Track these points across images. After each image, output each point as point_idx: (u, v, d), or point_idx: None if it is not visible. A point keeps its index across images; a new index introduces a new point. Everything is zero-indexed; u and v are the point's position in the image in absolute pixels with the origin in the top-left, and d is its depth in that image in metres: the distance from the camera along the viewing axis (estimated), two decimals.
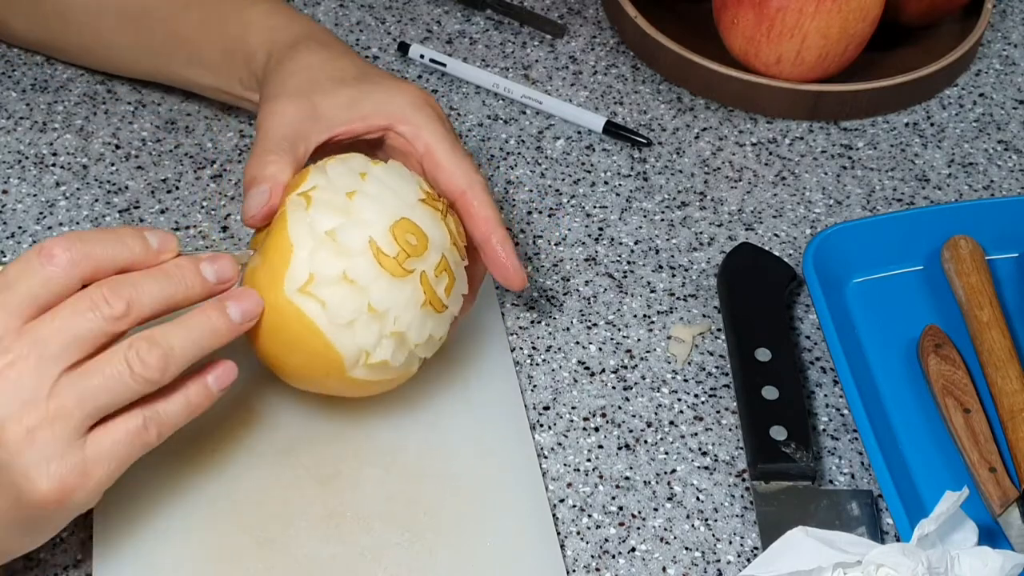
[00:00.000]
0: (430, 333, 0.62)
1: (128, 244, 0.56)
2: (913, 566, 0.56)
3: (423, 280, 0.60)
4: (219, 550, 0.61)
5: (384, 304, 0.59)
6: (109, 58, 0.83)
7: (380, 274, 0.59)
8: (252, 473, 0.64)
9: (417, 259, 0.60)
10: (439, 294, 0.61)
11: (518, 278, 0.66)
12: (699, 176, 0.83)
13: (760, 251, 0.77)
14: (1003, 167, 0.85)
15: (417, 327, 0.61)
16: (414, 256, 0.60)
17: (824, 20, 0.81)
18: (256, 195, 0.62)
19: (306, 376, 0.62)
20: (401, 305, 0.60)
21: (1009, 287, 0.75)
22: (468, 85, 0.88)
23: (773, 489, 0.65)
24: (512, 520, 0.63)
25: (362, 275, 0.59)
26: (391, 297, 0.59)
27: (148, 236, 0.56)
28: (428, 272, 0.60)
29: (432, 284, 0.61)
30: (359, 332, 0.59)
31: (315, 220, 0.59)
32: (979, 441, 0.66)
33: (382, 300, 0.59)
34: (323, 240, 0.59)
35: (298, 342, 0.60)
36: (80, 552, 0.62)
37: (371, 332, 0.60)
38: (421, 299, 0.60)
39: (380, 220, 0.60)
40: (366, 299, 0.59)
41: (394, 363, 0.61)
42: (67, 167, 0.80)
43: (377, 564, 0.61)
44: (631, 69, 0.90)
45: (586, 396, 0.70)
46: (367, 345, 0.60)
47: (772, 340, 0.70)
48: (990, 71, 0.93)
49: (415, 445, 0.66)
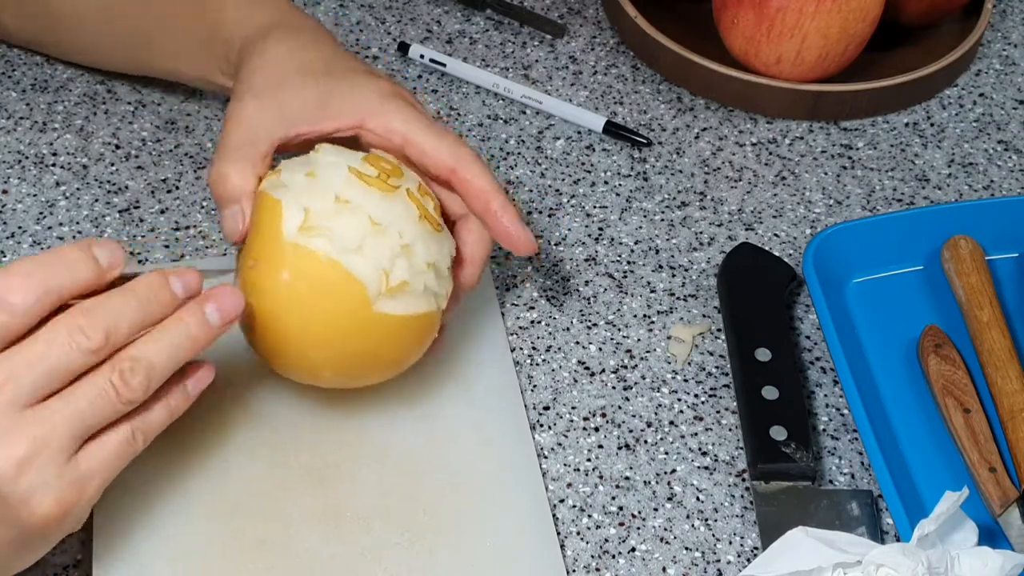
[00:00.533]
0: (436, 259, 0.61)
1: (77, 268, 0.54)
2: (913, 566, 0.56)
3: (410, 196, 0.61)
4: (218, 550, 0.61)
5: (384, 218, 0.59)
6: (96, 53, 0.82)
7: (369, 191, 0.60)
8: (251, 473, 0.64)
9: (398, 179, 0.61)
10: (430, 211, 0.61)
11: (525, 242, 0.65)
12: (699, 176, 0.83)
13: (760, 251, 0.77)
14: (1003, 167, 0.85)
15: (423, 243, 0.60)
16: (394, 176, 0.61)
17: (824, 20, 0.81)
18: (230, 217, 0.62)
19: (331, 334, 0.60)
20: (400, 218, 0.60)
21: (1009, 287, 0.75)
22: (468, 85, 0.88)
23: (773, 489, 0.65)
24: (512, 520, 0.63)
25: (353, 195, 0.59)
26: (387, 211, 0.60)
27: (96, 252, 0.55)
28: (412, 190, 0.61)
29: (420, 200, 0.61)
30: (370, 252, 0.59)
31: (290, 178, 0.61)
32: (979, 441, 0.66)
33: (381, 215, 0.59)
34: (305, 183, 0.60)
35: (316, 287, 0.59)
36: (80, 552, 0.62)
37: (382, 249, 0.59)
38: (415, 213, 0.60)
39: (351, 158, 0.61)
40: (366, 215, 0.59)
41: (414, 286, 0.60)
42: (67, 167, 0.80)
43: (377, 564, 0.61)
44: (631, 69, 0.90)
45: (586, 396, 0.70)
46: (383, 263, 0.59)
47: (772, 340, 0.70)
48: (990, 71, 0.93)
49: (415, 445, 0.66)
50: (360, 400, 0.67)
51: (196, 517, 0.62)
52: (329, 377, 0.63)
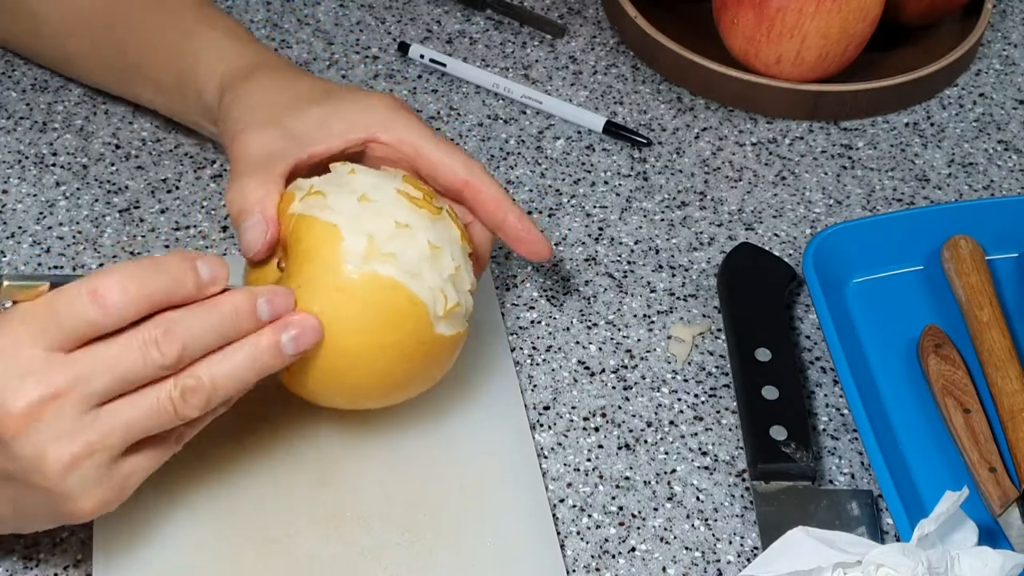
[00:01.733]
0: (471, 280, 0.62)
1: (181, 281, 0.54)
2: (913, 566, 0.56)
3: (452, 215, 0.62)
4: (219, 550, 0.61)
5: (438, 240, 0.60)
6: (80, 74, 0.82)
7: (422, 214, 0.60)
8: (252, 473, 0.64)
9: (438, 201, 0.62)
10: (466, 233, 0.62)
11: (544, 248, 0.66)
12: (699, 176, 0.83)
13: (760, 251, 0.77)
14: (1003, 167, 0.85)
15: (465, 265, 0.61)
16: (435, 198, 0.62)
17: (824, 20, 0.81)
18: (252, 227, 0.60)
19: (392, 357, 0.59)
20: (448, 241, 0.60)
21: (1009, 287, 0.75)
22: (468, 85, 0.88)
23: (773, 489, 0.65)
24: (512, 520, 0.63)
25: (411, 219, 0.59)
26: (439, 234, 0.60)
27: (200, 267, 0.54)
28: (449, 211, 0.62)
29: (459, 222, 0.62)
30: (428, 275, 0.59)
31: (338, 201, 0.59)
32: (979, 441, 0.66)
33: (435, 238, 0.59)
34: (358, 208, 0.59)
35: (383, 312, 0.58)
36: (80, 552, 0.62)
37: (436, 272, 0.59)
38: (458, 234, 0.61)
39: (390, 181, 0.61)
40: (424, 240, 0.59)
41: (464, 305, 0.61)
42: (67, 167, 0.80)
43: (377, 564, 0.61)
44: (631, 69, 0.90)
45: (586, 396, 0.70)
46: (438, 285, 0.59)
47: (772, 340, 0.70)
48: (990, 71, 0.93)
49: (415, 445, 0.66)
50: None
51: (196, 517, 0.62)
52: (364, 399, 0.63)
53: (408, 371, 0.61)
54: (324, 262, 0.58)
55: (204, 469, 0.64)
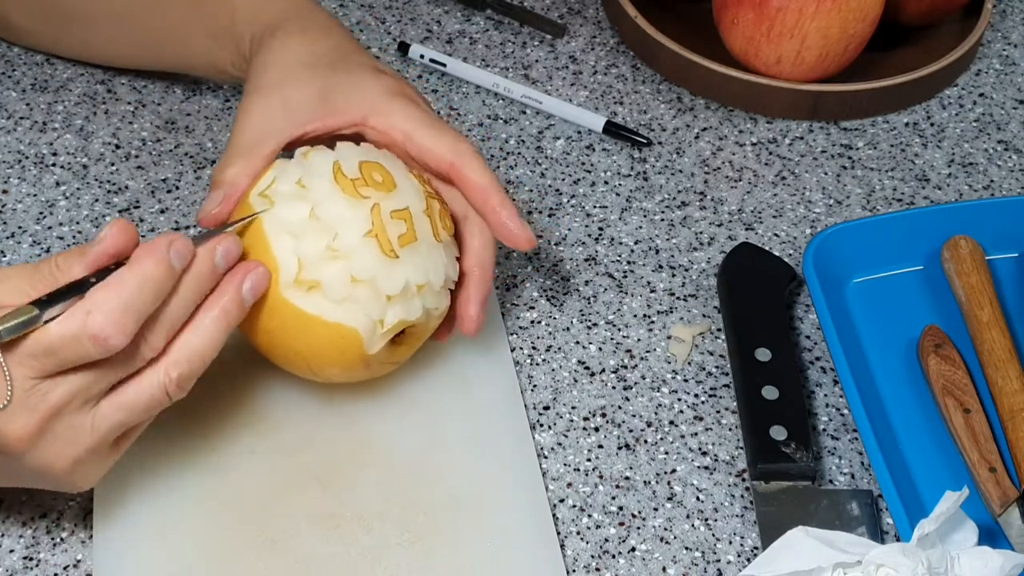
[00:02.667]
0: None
1: (164, 288, 0.56)
2: (913, 566, 0.56)
3: (374, 210, 0.61)
4: (219, 550, 0.61)
5: (328, 214, 0.60)
6: (108, 53, 0.83)
7: (333, 188, 0.61)
8: (252, 473, 0.64)
9: (375, 191, 0.61)
10: (389, 235, 0.61)
11: (524, 238, 0.65)
12: (699, 176, 0.83)
13: (760, 251, 0.77)
14: (1003, 167, 0.85)
15: (359, 252, 0.60)
16: (373, 187, 0.61)
17: (824, 20, 0.81)
18: (209, 199, 0.64)
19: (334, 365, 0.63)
20: (346, 221, 0.60)
21: (1009, 287, 0.75)
22: (468, 85, 0.88)
23: (773, 489, 0.65)
24: (512, 520, 0.63)
25: (316, 184, 0.61)
26: (338, 212, 0.60)
27: (174, 260, 0.56)
28: (384, 207, 0.61)
29: (384, 219, 0.61)
30: (361, 300, 0.60)
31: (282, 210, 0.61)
32: (979, 441, 0.66)
33: (328, 212, 0.60)
34: (300, 222, 0.60)
35: (312, 342, 0.61)
36: (80, 552, 0.62)
37: (372, 296, 0.60)
38: (367, 228, 0.60)
39: (352, 154, 0.63)
40: (312, 204, 0.60)
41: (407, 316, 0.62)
42: (67, 167, 0.80)
43: (377, 564, 0.61)
44: (631, 69, 0.90)
45: (586, 396, 0.70)
46: (374, 311, 0.61)
47: (772, 340, 0.70)
48: (990, 71, 0.93)
49: (415, 445, 0.66)
50: (361, 401, 0.67)
51: (197, 517, 0.62)
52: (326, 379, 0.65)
53: (353, 375, 0.64)
54: (345, 353, 0.61)
55: (204, 470, 0.64)
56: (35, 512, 0.63)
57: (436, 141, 0.65)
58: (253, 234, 0.61)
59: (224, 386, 0.67)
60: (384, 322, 0.61)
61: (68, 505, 0.63)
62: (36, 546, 0.62)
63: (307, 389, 0.67)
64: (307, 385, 0.67)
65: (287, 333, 0.61)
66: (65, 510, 0.63)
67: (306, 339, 0.61)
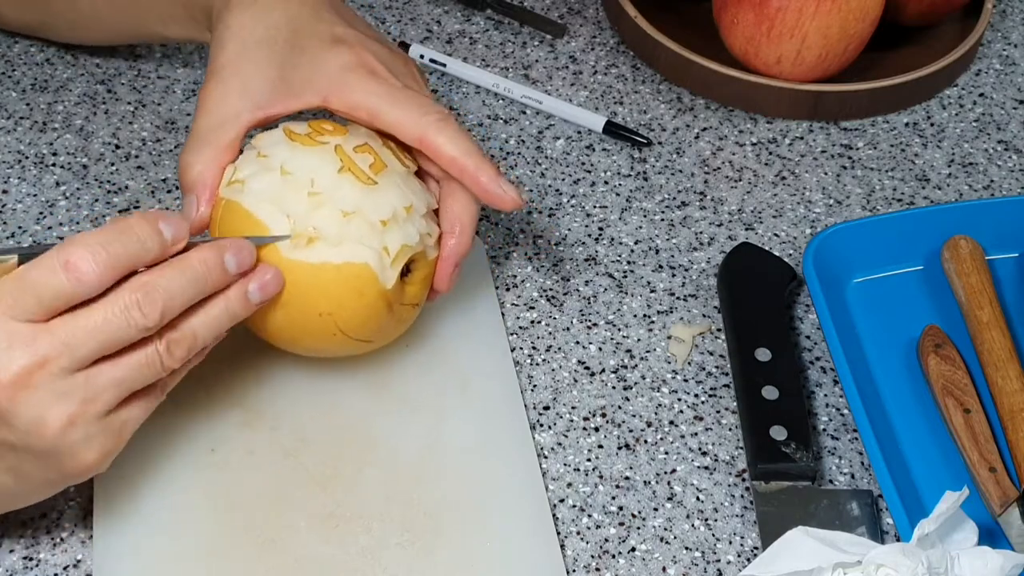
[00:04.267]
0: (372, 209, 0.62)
1: (148, 244, 0.55)
2: (913, 566, 0.56)
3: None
4: (219, 550, 0.61)
5: (297, 167, 0.61)
6: (93, 28, 0.82)
7: (291, 145, 0.62)
8: (252, 473, 0.64)
9: (330, 136, 0.62)
10: (361, 166, 0.61)
11: (508, 198, 0.64)
12: (699, 176, 0.83)
13: (760, 251, 0.77)
14: (1003, 167, 0.85)
15: (339, 189, 0.61)
16: (327, 135, 0.62)
17: (824, 20, 0.81)
18: (187, 206, 0.63)
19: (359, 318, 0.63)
20: (316, 167, 0.61)
21: (1009, 287, 0.75)
22: (468, 85, 0.88)
23: (773, 489, 0.65)
24: (512, 520, 0.63)
25: (274, 150, 0.62)
26: (305, 162, 0.61)
27: (163, 228, 0.56)
28: (345, 146, 0.62)
29: (349, 154, 0.62)
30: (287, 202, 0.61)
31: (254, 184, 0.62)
32: (979, 441, 0.66)
33: (296, 166, 0.61)
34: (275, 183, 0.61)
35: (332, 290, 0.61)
36: (80, 552, 0.62)
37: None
38: (338, 166, 0.61)
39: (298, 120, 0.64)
40: (279, 164, 0.61)
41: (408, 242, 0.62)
42: (67, 167, 0.80)
43: (377, 564, 0.61)
44: (631, 69, 0.90)
45: (586, 396, 0.70)
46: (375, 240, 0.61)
47: (772, 340, 0.70)
48: (990, 71, 0.93)
49: (415, 445, 0.66)
50: (361, 400, 0.67)
51: (196, 517, 0.62)
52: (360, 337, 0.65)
53: (382, 325, 0.64)
54: (363, 292, 0.61)
55: (203, 470, 0.64)
56: (35, 512, 0.63)
57: (400, 116, 0.63)
58: (237, 218, 0.61)
59: (223, 386, 0.67)
60: (388, 249, 0.61)
61: (68, 505, 0.63)
62: (36, 546, 0.62)
63: (307, 389, 0.67)
64: (307, 385, 0.67)
65: (304, 297, 0.61)
66: (65, 510, 0.63)
67: (324, 293, 0.61)
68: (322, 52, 0.65)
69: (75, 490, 0.63)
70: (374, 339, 0.65)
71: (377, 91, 0.64)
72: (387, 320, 0.63)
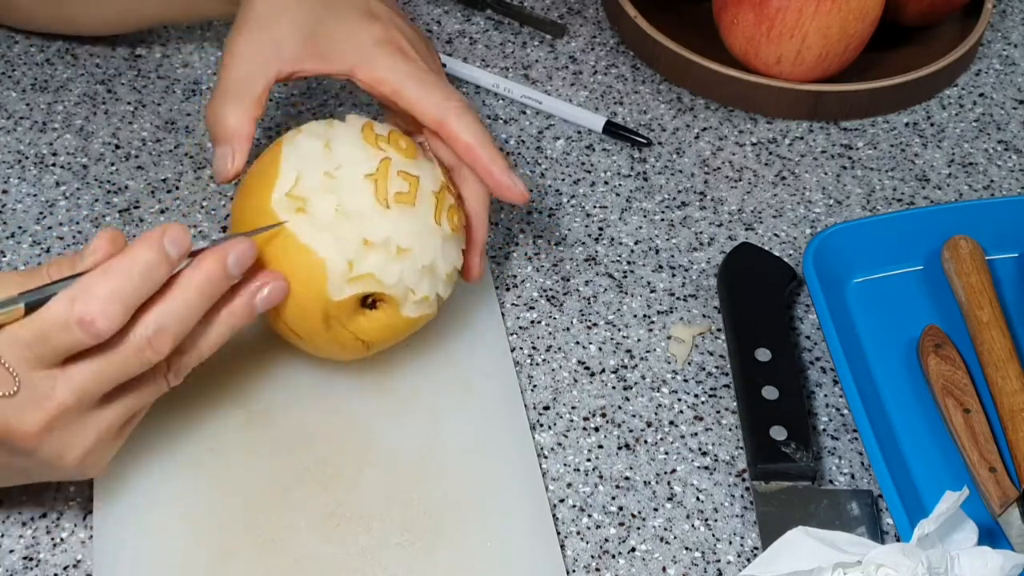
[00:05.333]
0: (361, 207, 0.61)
1: (156, 274, 0.54)
2: (913, 566, 0.56)
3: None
4: (219, 550, 0.61)
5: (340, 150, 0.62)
6: (111, 16, 0.82)
7: (356, 136, 0.62)
8: (252, 473, 0.64)
9: (395, 151, 0.62)
10: (389, 187, 0.61)
11: (516, 192, 0.66)
12: (699, 176, 0.83)
13: (760, 251, 0.77)
14: (1003, 167, 0.85)
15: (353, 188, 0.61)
16: (394, 149, 0.62)
17: (824, 20, 0.81)
18: (220, 157, 0.64)
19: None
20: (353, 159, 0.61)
21: (1009, 287, 0.75)
22: (468, 85, 0.88)
23: (773, 489, 0.65)
24: (512, 520, 0.63)
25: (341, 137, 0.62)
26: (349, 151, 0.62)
27: (167, 246, 0.55)
28: (394, 164, 0.62)
29: (389, 172, 0.61)
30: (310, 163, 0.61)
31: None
32: (979, 441, 0.66)
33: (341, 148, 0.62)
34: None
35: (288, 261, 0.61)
36: (80, 552, 0.62)
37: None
38: (370, 170, 0.61)
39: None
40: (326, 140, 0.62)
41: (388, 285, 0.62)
42: (67, 167, 0.80)
43: (377, 564, 0.61)
44: (631, 69, 0.90)
45: (586, 396, 0.70)
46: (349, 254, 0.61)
47: (772, 340, 0.70)
48: (990, 71, 0.93)
49: (415, 445, 0.66)
50: (361, 400, 0.67)
51: (196, 517, 0.62)
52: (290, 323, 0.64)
53: (311, 327, 0.63)
54: (307, 285, 0.60)
55: (204, 470, 0.64)
56: (35, 512, 0.63)
57: (423, 98, 0.65)
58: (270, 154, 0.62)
59: (223, 386, 0.67)
60: (354, 266, 0.60)
61: (68, 505, 0.63)
62: (36, 546, 0.62)
63: (307, 389, 0.67)
64: (307, 385, 0.67)
65: (267, 249, 0.61)
66: (65, 510, 0.63)
67: (277, 257, 0.60)
68: (356, 23, 0.66)
69: (75, 490, 0.63)
70: (305, 340, 0.63)
71: (405, 70, 0.65)
72: (320, 329, 0.62)
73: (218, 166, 0.64)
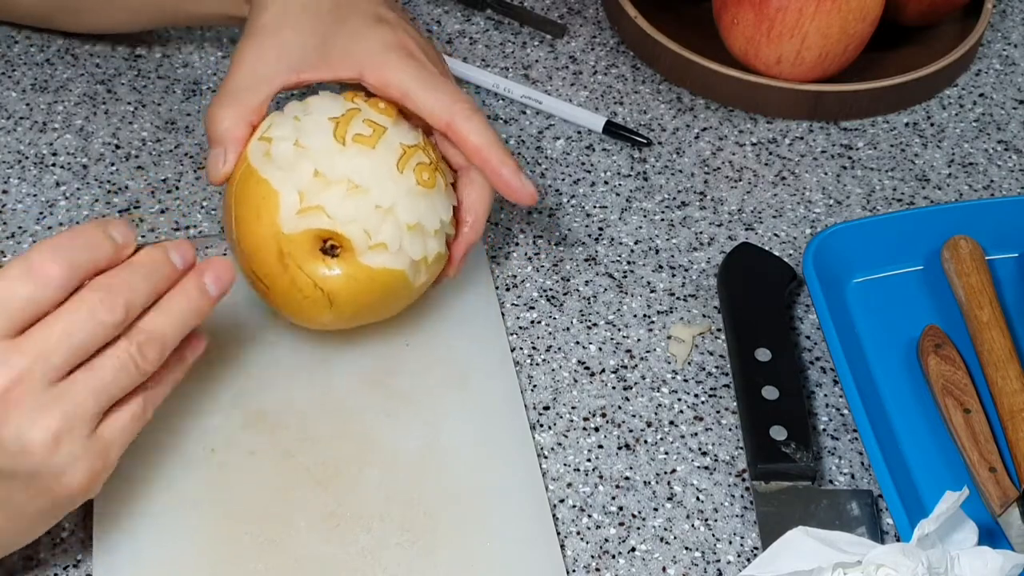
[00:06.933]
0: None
1: (101, 247, 0.55)
2: (913, 566, 0.56)
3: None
4: (219, 550, 0.61)
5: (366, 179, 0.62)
6: (122, 16, 0.82)
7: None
8: (252, 473, 0.64)
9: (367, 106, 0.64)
10: (349, 128, 0.63)
11: (526, 193, 0.67)
12: (699, 176, 0.83)
13: (760, 251, 0.77)
14: (1003, 167, 0.85)
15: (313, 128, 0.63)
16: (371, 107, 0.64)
17: (824, 20, 0.81)
18: (212, 158, 0.65)
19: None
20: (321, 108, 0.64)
21: (1009, 287, 0.75)
22: (468, 85, 0.88)
23: (773, 489, 0.65)
24: (512, 520, 0.63)
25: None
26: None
27: (113, 233, 0.56)
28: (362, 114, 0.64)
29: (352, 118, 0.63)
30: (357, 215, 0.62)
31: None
32: (979, 441, 0.66)
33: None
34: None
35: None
36: (80, 552, 0.62)
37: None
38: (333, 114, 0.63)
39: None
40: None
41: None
42: (67, 167, 0.80)
43: (377, 564, 0.61)
44: (631, 69, 0.90)
45: (586, 396, 0.70)
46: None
47: (772, 340, 0.70)
48: (990, 71, 0.93)
49: (415, 445, 0.66)
50: (361, 400, 0.67)
51: (196, 517, 0.62)
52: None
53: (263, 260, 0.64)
54: (263, 218, 0.63)
55: (203, 470, 0.64)
56: None
57: (432, 100, 0.65)
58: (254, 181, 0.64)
59: (224, 387, 0.67)
60: (304, 197, 0.62)
61: None
62: (36, 546, 0.61)
63: (308, 389, 0.67)
64: (308, 385, 0.67)
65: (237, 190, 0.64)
66: None
67: (243, 195, 0.63)
68: (365, 28, 0.67)
69: None
70: (269, 289, 0.64)
71: (413, 73, 0.66)
72: (278, 271, 0.63)
73: (211, 167, 0.65)
